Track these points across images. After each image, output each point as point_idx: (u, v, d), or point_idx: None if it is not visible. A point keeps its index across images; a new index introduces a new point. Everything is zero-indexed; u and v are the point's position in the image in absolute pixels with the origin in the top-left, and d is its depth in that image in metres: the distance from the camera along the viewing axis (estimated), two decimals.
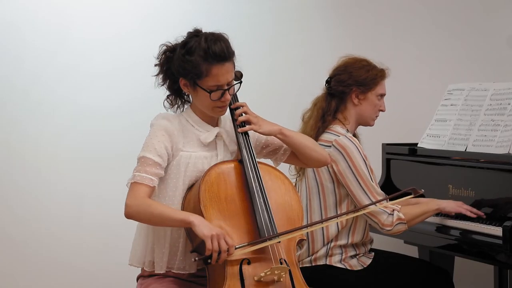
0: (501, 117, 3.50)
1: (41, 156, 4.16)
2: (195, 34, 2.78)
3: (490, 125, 3.53)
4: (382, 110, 3.45)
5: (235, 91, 2.85)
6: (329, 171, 3.28)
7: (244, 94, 2.96)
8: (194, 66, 2.72)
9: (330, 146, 3.27)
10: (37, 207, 4.15)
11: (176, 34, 2.85)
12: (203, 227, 2.56)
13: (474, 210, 3.36)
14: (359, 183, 3.21)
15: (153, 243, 2.78)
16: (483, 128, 3.55)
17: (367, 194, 3.21)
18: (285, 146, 2.95)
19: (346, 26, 4.64)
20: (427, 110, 4.12)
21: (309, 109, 3.45)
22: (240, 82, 2.85)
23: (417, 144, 3.88)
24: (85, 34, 4.21)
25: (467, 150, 3.58)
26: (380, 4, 4.69)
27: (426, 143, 3.83)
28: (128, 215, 2.66)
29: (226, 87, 2.75)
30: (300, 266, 3.30)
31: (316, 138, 3.32)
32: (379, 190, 3.25)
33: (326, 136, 3.32)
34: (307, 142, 2.93)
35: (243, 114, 2.84)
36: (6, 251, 4.12)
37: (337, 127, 3.34)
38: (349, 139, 3.27)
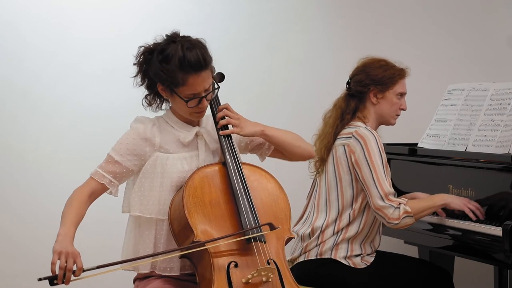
0: (501, 117, 3.50)
1: (41, 156, 4.16)
2: (172, 40, 2.75)
3: (490, 125, 3.53)
4: (403, 109, 3.46)
5: (213, 96, 2.83)
6: (347, 162, 3.29)
7: (244, 94, 2.97)
8: (170, 75, 2.70)
9: (350, 137, 3.29)
10: (37, 207, 4.15)
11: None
12: (59, 243, 2.56)
13: (479, 210, 3.35)
14: (372, 174, 3.22)
15: (139, 243, 2.80)
16: (483, 128, 3.55)
17: (376, 187, 3.21)
18: (267, 142, 2.95)
19: (346, 26, 4.64)
20: (427, 110, 4.12)
21: (330, 110, 3.47)
22: (218, 88, 2.84)
23: (417, 144, 3.88)
24: (85, 34, 4.21)
25: (467, 150, 3.58)
26: (380, 4, 4.69)
27: (426, 143, 3.83)
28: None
29: (203, 94, 2.74)
30: (306, 258, 3.31)
31: (335, 135, 3.35)
32: (389, 185, 3.24)
33: (346, 130, 3.35)
34: (290, 139, 2.93)
35: (225, 118, 2.83)
36: (6, 251, 4.12)
37: (357, 123, 3.38)
38: (369, 130, 3.30)
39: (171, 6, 4.32)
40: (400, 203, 3.21)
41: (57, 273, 2.52)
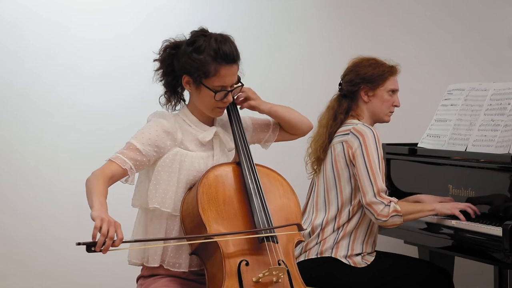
0: (501, 117, 3.50)
1: (41, 156, 4.16)
2: (203, 34, 2.80)
3: (490, 125, 3.53)
4: (396, 106, 3.48)
5: (237, 93, 2.89)
6: (345, 159, 3.30)
7: None
8: (202, 65, 2.74)
9: (348, 134, 3.30)
10: (37, 207, 4.15)
11: (176, 34, 2.86)
12: (98, 211, 2.51)
13: (470, 208, 3.36)
14: (367, 169, 3.23)
15: (149, 238, 2.79)
16: (483, 128, 3.55)
17: (371, 182, 3.22)
18: (272, 124, 3.03)
19: (345, 27, 4.64)
20: (427, 110, 4.12)
21: (323, 112, 3.50)
22: (242, 85, 2.88)
23: (417, 144, 3.88)
24: (85, 34, 4.21)
25: (467, 150, 3.58)
26: (379, 5, 4.70)
27: (426, 143, 3.83)
28: (86, 180, 2.67)
29: (229, 89, 2.79)
30: (306, 258, 3.32)
31: (329, 135, 3.37)
32: (382, 182, 3.26)
33: (343, 128, 3.37)
34: (291, 112, 3.05)
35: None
36: (6, 251, 4.12)
37: (353, 120, 3.40)
38: (367, 126, 3.32)
39: (171, 6, 4.32)
40: (390, 201, 3.22)
41: (96, 239, 2.46)
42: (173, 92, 2.89)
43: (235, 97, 2.94)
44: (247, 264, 2.65)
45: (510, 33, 4.79)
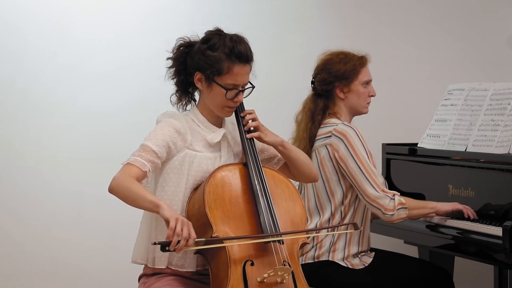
0: (501, 117, 3.50)
1: (41, 156, 4.16)
2: (218, 33, 2.83)
3: (490, 125, 3.53)
4: (372, 96, 3.46)
5: (247, 94, 2.88)
6: (332, 162, 3.29)
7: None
8: (216, 62, 2.76)
9: (330, 136, 3.29)
10: (37, 207, 4.15)
11: (176, 35, 2.87)
12: (170, 211, 2.56)
13: (469, 210, 3.38)
14: (360, 168, 3.23)
15: (156, 239, 2.78)
16: (483, 128, 3.55)
17: (368, 180, 3.22)
18: (279, 156, 2.98)
19: (345, 26, 4.64)
20: (427, 110, 4.12)
21: (300, 111, 3.48)
22: (253, 87, 2.87)
23: (417, 144, 3.88)
24: (85, 34, 4.21)
25: (467, 150, 3.58)
26: (379, 5, 4.69)
27: (426, 143, 3.83)
28: (111, 187, 2.65)
29: (241, 88, 2.80)
30: (303, 262, 3.31)
31: (310, 139, 3.35)
32: (379, 176, 3.26)
33: (323, 130, 3.35)
34: (303, 158, 2.97)
35: (251, 121, 2.87)
36: (6, 251, 4.12)
37: (332, 120, 3.38)
38: (347, 125, 3.31)
39: (171, 6, 4.32)
40: (394, 194, 3.23)
41: (171, 239, 2.51)
42: (184, 92, 2.89)
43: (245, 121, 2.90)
44: (252, 264, 2.66)
45: (510, 33, 4.79)
